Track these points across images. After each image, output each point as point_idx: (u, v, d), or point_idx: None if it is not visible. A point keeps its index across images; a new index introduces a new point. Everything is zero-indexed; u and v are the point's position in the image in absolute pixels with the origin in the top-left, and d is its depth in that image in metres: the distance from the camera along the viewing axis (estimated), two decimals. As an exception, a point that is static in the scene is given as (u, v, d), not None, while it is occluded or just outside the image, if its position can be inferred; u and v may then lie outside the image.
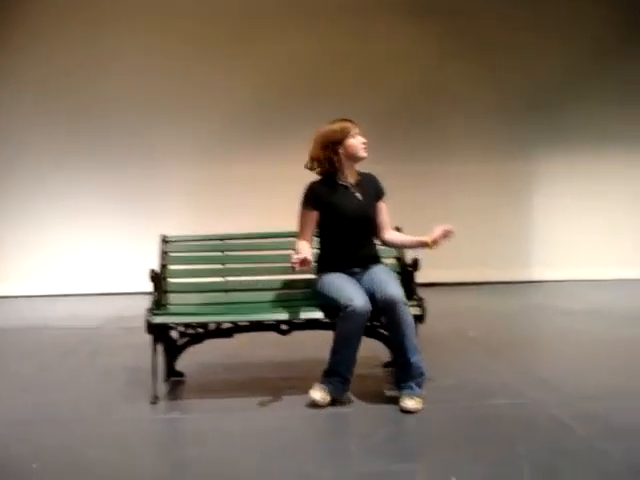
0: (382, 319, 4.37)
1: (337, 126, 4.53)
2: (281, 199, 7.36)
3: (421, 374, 4.22)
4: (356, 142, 4.52)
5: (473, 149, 9.46)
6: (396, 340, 4.21)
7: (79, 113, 9.16)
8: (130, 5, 9.14)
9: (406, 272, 4.69)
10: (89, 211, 9.24)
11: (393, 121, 9.18)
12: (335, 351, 4.25)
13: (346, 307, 4.12)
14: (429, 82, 9.39)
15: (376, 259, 4.62)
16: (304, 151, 4.62)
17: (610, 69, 9.52)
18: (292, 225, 4.68)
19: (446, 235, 4.42)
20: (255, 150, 9.20)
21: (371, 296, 4.22)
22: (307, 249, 4.39)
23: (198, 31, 9.17)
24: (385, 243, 4.73)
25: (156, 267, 4.69)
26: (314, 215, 4.51)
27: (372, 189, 4.63)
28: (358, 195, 4.55)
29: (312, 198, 4.50)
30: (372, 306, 4.18)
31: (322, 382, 4.29)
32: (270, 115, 9.16)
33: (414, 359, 4.19)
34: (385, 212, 4.68)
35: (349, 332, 4.19)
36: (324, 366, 4.31)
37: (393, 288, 4.24)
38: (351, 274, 4.46)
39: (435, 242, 4.41)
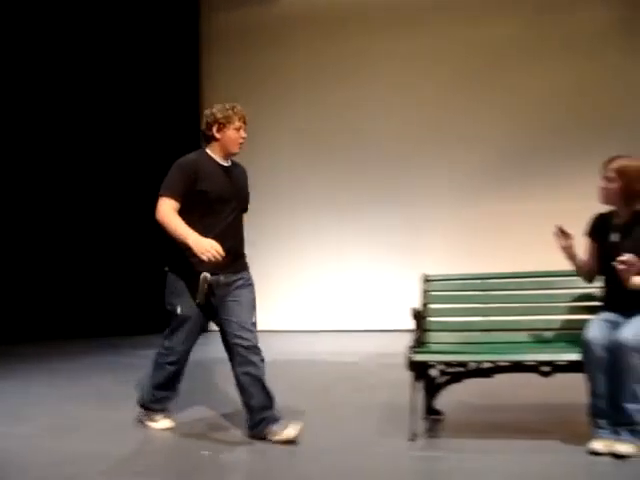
0: None
1: None
2: (539, 237, 7.23)
3: None
4: None
5: None
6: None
7: (339, 150, 9.57)
8: (383, 44, 9.44)
9: None
10: (351, 247, 9.54)
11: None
12: None
13: None
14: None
15: None
16: (571, 188, 4.54)
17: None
18: (552, 264, 4.66)
19: None
20: (520, 186, 9.02)
21: None
22: None
23: (446, 74, 9.25)
24: None
25: (417, 305, 4.78)
26: None
27: None
28: None
29: None
30: None
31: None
32: (533, 150, 8.93)
33: None
34: None
35: None
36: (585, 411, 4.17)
37: None
38: None
39: None
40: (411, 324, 4.64)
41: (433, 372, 4.70)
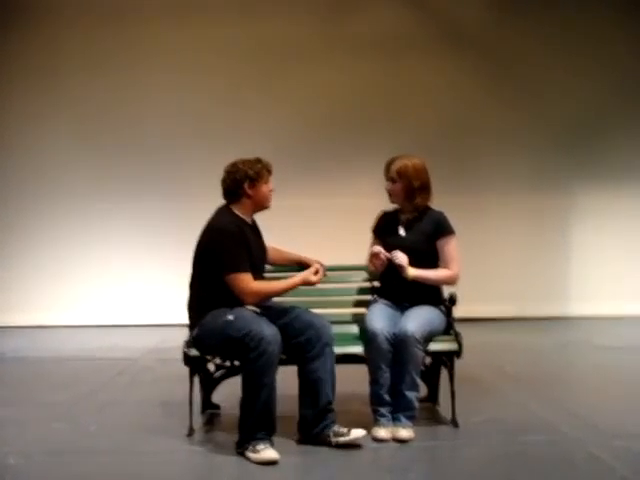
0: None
1: None
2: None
3: None
4: None
5: (507, 183, 9.40)
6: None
7: (114, 147, 9.22)
8: (167, 42, 9.18)
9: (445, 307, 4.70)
10: (125, 243, 9.27)
11: (426, 154, 9.10)
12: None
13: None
14: (462, 116, 9.32)
15: None
16: (334, 184, 4.65)
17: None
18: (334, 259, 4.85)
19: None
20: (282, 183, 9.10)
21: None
22: None
23: (235, 68, 9.21)
24: None
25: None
26: None
27: None
28: None
29: None
30: None
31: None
32: (302, 151, 9.10)
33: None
34: None
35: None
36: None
37: None
38: None
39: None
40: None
41: (210, 366, 4.71)
